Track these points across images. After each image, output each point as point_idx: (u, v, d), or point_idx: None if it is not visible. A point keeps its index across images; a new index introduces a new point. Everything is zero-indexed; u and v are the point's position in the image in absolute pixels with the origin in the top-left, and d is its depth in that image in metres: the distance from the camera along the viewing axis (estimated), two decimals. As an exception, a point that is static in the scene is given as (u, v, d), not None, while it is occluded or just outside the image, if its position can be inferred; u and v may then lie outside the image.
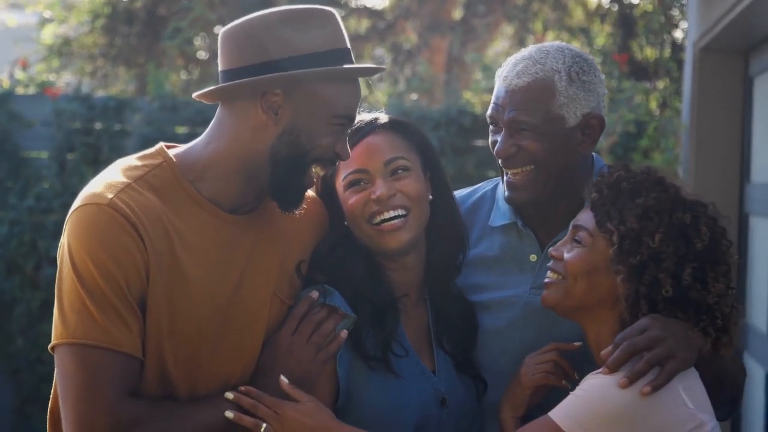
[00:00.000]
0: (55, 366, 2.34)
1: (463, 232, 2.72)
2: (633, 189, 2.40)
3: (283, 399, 2.42)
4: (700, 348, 2.34)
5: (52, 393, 2.44)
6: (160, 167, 2.42)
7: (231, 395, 2.39)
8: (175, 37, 10.55)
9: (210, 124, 2.47)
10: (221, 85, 2.41)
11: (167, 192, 2.40)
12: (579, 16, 11.36)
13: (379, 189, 2.57)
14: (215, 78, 2.50)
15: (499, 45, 12.49)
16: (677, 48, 8.39)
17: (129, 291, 2.31)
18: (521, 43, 10.76)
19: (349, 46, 2.45)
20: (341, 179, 2.62)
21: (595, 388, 2.28)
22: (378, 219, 2.58)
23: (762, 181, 5.70)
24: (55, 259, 2.42)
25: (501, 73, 2.67)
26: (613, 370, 2.27)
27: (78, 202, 2.36)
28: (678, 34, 8.68)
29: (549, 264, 2.48)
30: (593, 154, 2.77)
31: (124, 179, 2.38)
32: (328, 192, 2.65)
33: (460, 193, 2.87)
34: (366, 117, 2.65)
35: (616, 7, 9.90)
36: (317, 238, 2.62)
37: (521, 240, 2.75)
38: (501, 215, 2.78)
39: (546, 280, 2.47)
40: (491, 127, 2.70)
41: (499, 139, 2.66)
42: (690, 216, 2.38)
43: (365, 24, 12.29)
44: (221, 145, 2.43)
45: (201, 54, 11.71)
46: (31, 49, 11.11)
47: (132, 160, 2.46)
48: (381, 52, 12.04)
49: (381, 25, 12.14)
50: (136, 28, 11.38)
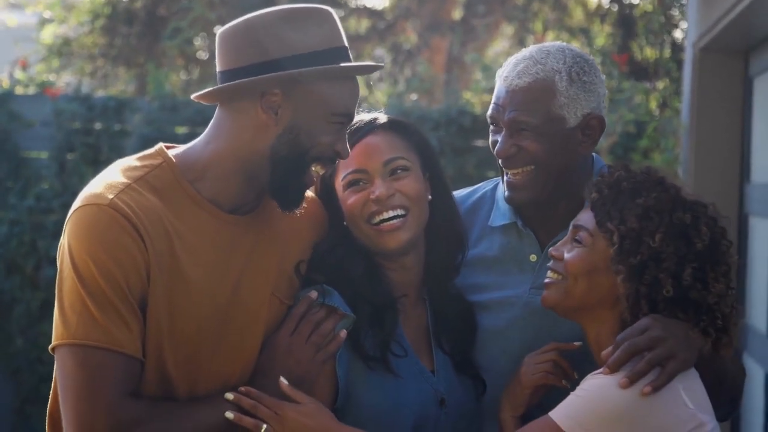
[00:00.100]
0: (55, 367, 2.34)
1: (462, 232, 2.71)
2: (633, 189, 2.40)
3: (283, 400, 2.42)
4: (700, 348, 2.34)
5: (51, 394, 2.43)
6: (159, 168, 2.42)
7: (231, 396, 2.39)
8: (175, 37, 10.55)
9: (209, 124, 2.47)
10: (220, 86, 2.41)
11: (167, 192, 2.40)
12: (579, 16, 11.36)
13: (378, 189, 2.57)
14: (215, 78, 2.49)
15: (499, 45, 12.49)
16: (677, 48, 8.39)
17: (130, 291, 2.30)
18: (521, 44, 10.76)
19: (347, 44, 2.45)
20: (340, 179, 2.62)
21: (596, 388, 2.28)
22: (377, 219, 2.58)
23: (762, 182, 5.70)
24: (55, 260, 2.42)
25: (501, 73, 2.67)
26: (614, 370, 2.27)
27: (78, 202, 2.36)
28: (678, 34, 8.67)
29: (549, 264, 2.48)
30: (593, 154, 2.77)
31: (124, 179, 2.38)
32: (327, 192, 2.65)
33: (459, 193, 2.87)
34: (365, 117, 2.64)
35: (616, 8, 9.90)
36: (316, 238, 2.61)
37: (521, 240, 2.75)
38: (501, 215, 2.78)
39: (546, 280, 2.47)
40: (491, 127, 2.70)
41: (500, 140, 2.66)
42: (690, 216, 2.37)
43: (365, 24, 12.29)
44: (221, 145, 2.43)
45: (201, 54, 11.71)
46: (31, 49, 11.11)
47: (132, 160, 2.45)
48: (381, 52, 12.03)
49: (381, 26, 12.13)
50: (136, 28, 11.38)
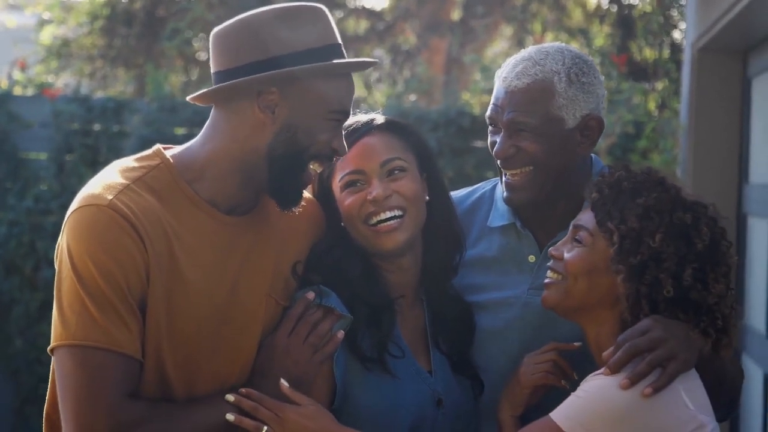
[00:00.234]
0: (54, 368, 2.33)
1: (460, 232, 2.71)
2: (634, 189, 2.40)
3: (282, 401, 2.41)
4: (700, 349, 2.34)
5: (47, 395, 2.43)
6: (157, 168, 2.42)
7: (232, 397, 2.39)
8: (174, 38, 10.55)
9: (205, 124, 2.47)
10: (216, 87, 2.40)
11: (165, 193, 2.39)
12: (578, 16, 11.35)
13: (376, 190, 2.57)
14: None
15: (498, 46, 12.49)
16: (676, 49, 8.39)
17: (129, 292, 2.30)
18: (520, 44, 10.76)
19: (341, 41, 2.45)
20: (338, 180, 2.61)
21: (597, 389, 2.27)
22: (374, 220, 2.58)
23: (760, 182, 5.70)
24: (54, 261, 2.41)
25: (500, 74, 2.67)
26: (615, 371, 2.27)
27: (76, 203, 2.35)
28: (677, 34, 8.67)
29: (549, 264, 2.48)
30: (592, 155, 2.77)
31: (122, 180, 2.37)
32: (324, 193, 2.64)
33: (458, 194, 2.87)
34: (362, 118, 2.64)
35: (615, 8, 9.90)
36: (314, 239, 2.61)
37: (520, 241, 2.75)
38: (500, 216, 2.78)
39: (546, 280, 2.47)
40: (490, 128, 2.70)
41: (498, 140, 2.66)
42: (691, 216, 2.37)
43: (364, 25, 12.29)
44: (218, 145, 2.43)
45: (200, 55, 11.70)
46: (30, 50, 11.10)
47: (129, 161, 2.45)
48: (380, 53, 12.03)
49: (380, 26, 12.13)
50: (135, 29, 11.37)
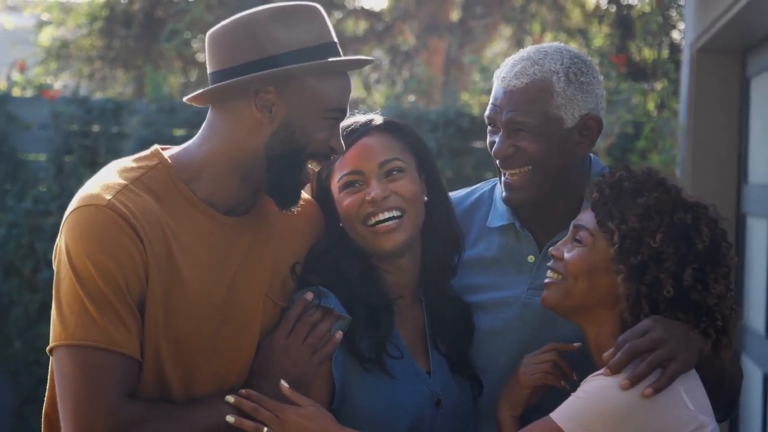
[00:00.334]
0: (53, 368, 2.33)
1: (459, 233, 2.71)
2: (635, 189, 2.40)
3: (282, 402, 2.41)
4: (700, 349, 2.34)
5: (46, 395, 2.43)
6: (155, 169, 2.42)
7: (232, 398, 2.38)
8: (173, 39, 10.55)
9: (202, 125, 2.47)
10: (213, 87, 2.40)
11: (163, 193, 2.39)
12: (577, 17, 11.34)
13: (374, 190, 2.57)
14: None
15: (497, 46, 12.48)
16: (675, 49, 8.39)
17: (128, 292, 2.30)
18: (519, 45, 10.75)
19: (336, 40, 2.46)
20: (336, 181, 2.61)
21: (597, 389, 2.27)
22: (373, 220, 2.57)
23: (759, 182, 5.70)
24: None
25: (499, 74, 2.67)
26: (615, 372, 2.27)
27: (75, 203, 2.35)
28: (676, 35, 8.67)
29: (549, 264, 2.48)
30: (591, 155, 2.77)
31: (121, 180, 2.37)
32: (323, 194, 2.64)
33: (457, 194, 2.87)
34: (360, 118, 2.64)
35: (614, 8, 9.90)
36: (312, 239, 2.61)
37: (519, 241, 2.74)
38: (499, 216, 2.78)
39: (546, 280, 2.47)
40: (489, 128, 2.70)
41: (497, 140, 2.65)
42: (691, 217, 2.38)
43: (363, 26, 12.29)
44: (215, 146, 2.42)
45: (199, 56, 11.69)
46: (29, 52, 11.10)
47: (127, 161, 2.45)
48: (379, 53, 12.03)
49: (379, 27, 12.13)
50: (133, 30, 11.37)
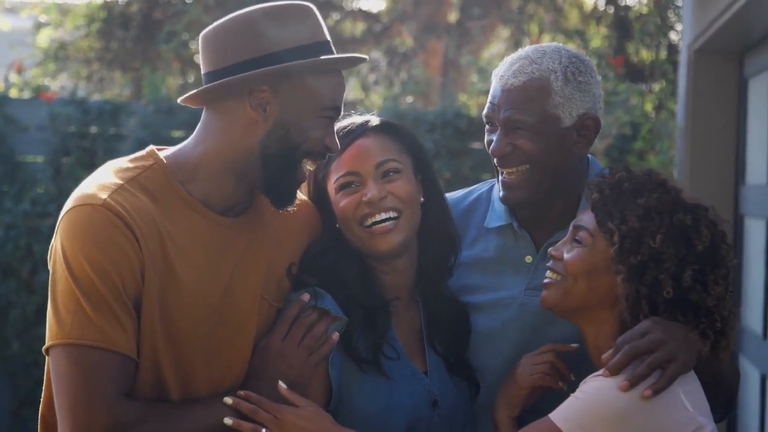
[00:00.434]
0: (50, 367, 2.32)
1: (455, 234, 2.71)
2: (635, 189, 2.40)
3: (280, 403, 2.41)
4: (699, 351, 2.34)
5: (42, 396, 2.43)
6: (151, 169, 2.42)
7: (230, 400, 2.38)
8: (171, 41, 10.55)
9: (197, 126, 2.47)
10: (207, 86, 2.40)
11: (159, 194, 2.39)
12: (574, 18, 11.35)
13: (371, 191, 2.56)
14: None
15: (495, 47, 12.48)
16: (673, 50, 8.39)
17: (124, 291, 2.30)
18: (517, 46, 10.74)
19: (329, 38, 2.46)
20: (332, 182, 2.61)
21: (596, 390, 2.27)
22: (369, 221, 2.57)
23: (757, 183, 5.70)
24: (52, 263, 2.41)
25: (498, 73, 2.67)
26: (615, 373, 2.26)
27: (71, 203, 2.35)
28: (674, 36, 8.68)
29: (548, 264, 2.48)
30: (589, 156, 2.77)
31: (116, 180, 2.37)
32: (319, 195, 2.64)
33: (455, 195, 2.87)
34: (357, 119, 2.64)
35: (611, 10, 9.91)
36: (308, 240, 2.61)
37: (517, 241, 2.74)
38: (497, 217, 2.78)
39: (545, 280, 2.47)
40: (487, 127, 2.70)
41: (495, 138, 2.65)
42: (691, 218, 2.38)
43: (361, 27, 12.29)
44: (210, 146, 2.43)
45: (197, 57, 11.68)
46: (27, 53, 11.10)
47: (123, 162, 2.45)
48: (377, 55, 12.03)
49: (377, 28, 12.13)
50: (131, 32, 11.37)
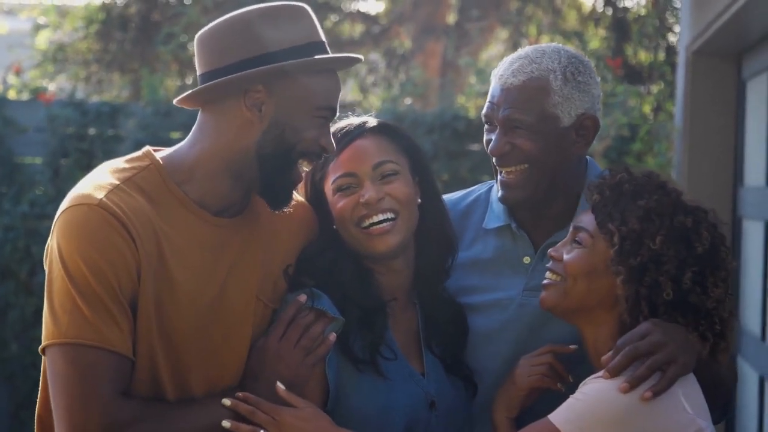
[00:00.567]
0: (46, 367, 2.32)
1: (452, 235, 2.71)
2: (635, 191, 2.41)
3: (278, 404, 2.41)
4: (698, 353, 2.34)
5: (39, 396, 2.42)
6: (147, 169, 2.42)
7: (228, 402, 2.38)
8: (169, 43, 10.54)
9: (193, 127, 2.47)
10: (202, 87, 2.41)
11: (155, 194, 2.39)
12: (573, 20, 11.35)
13: (368, 192, 2.56)
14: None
15: (494, 49, 12.48)
16: (671, 52, 8.40)
17: (120, 291, 2.30)
18: (515, 47, 10.70)
19: (324, 39, 2.46)
20: (330, 183, 2.61)
21: (596, 392, 2.27)
22: (366, 222, 2.57)
23: (755, 185, 5.70)
24: (51, 265, 2.40)
25: (497, 72, 2.68)
26: (615, 374, 2.27)
27: (67, 203, 2.35)
28: (672, 37, 8.68)
29: (548, 265, 2.48)
30: (588, 158, 2.77)
31: (112, 180, 2.37)
32: (317, 196, 2.64)
33: (454, 196, 2.87)
34: (354, 121, 2.64)
35: (610, 11, 9.92)
36: (304, 241, 2.61)
37: (515, 242, 2.74)
38: (495, 217, 2.78)
39: (545, 281, 2.47)
40: (486, 126, 2.70)
41: (494, 137, 2.66)
42: (691, 220, 2.38)
43: (359, 29, 12.29)
44: (206, 146, 2.43)
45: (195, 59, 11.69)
46: (26, 55, 11.09)
47: (119, 162, 2.45)
48: (375, 56, 12.03)
49: (375, 30, 12.13)
50: (130, 33, 11.37)
